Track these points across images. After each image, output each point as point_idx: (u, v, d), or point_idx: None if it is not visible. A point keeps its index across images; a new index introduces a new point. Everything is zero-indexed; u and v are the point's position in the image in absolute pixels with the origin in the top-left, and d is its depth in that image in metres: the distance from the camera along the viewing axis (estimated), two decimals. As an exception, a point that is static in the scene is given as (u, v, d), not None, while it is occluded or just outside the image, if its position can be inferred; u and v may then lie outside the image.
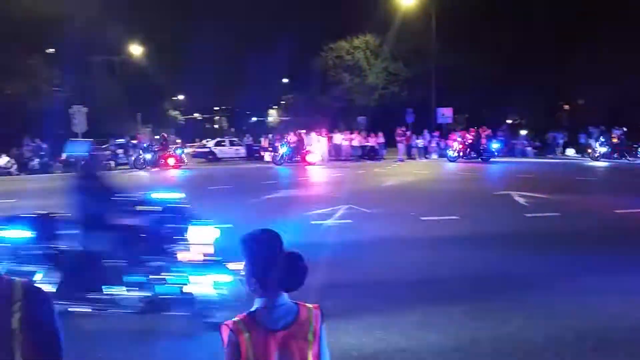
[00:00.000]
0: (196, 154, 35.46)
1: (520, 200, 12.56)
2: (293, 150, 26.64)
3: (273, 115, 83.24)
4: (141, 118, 43.08)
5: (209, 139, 43.10)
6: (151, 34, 44.24)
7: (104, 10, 34.99)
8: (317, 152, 26.75)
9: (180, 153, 26.96)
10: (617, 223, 9.91)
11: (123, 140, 28.26)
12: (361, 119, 35.21)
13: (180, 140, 65.43)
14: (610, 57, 29.28)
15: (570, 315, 5.27)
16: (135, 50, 43.44)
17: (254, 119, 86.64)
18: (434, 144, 29.72)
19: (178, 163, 25.97)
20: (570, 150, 29.04)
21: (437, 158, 28.17)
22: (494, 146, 25.98)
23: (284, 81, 65.12)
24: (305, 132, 28.61)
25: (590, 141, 25.87)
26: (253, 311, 1.95)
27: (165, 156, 25.98)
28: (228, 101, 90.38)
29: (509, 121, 38.95)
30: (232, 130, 78.20)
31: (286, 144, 27.13)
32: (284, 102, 69.95)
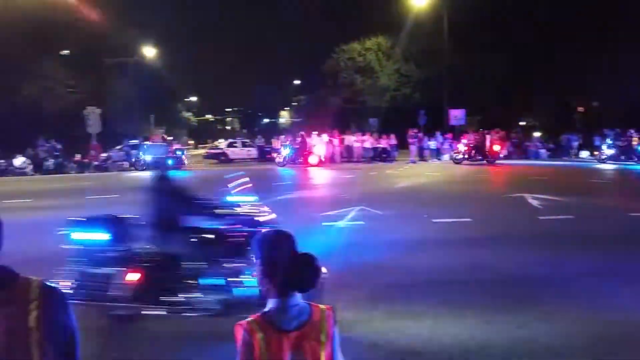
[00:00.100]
0: (208, 155, 35.59)
1: (534, 202, 12.46)
2: (296, 152, 26.61)
3: (285, 117, 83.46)
4: (154, 119, 43.37)
5: (222, 140, 43.32)
6: (164, 36, 44.66)
7: (118, 12, 35.31)
8: (320, 154, 26.53)
9: (181, 154, 26.94)
10: (631, 226, 9.80)
11: (137, 141, 28.44)
12: (373, 120, 35.14)
13: (192, 141, 66.11)
14: (626, 58, 28.94)
15: (585, 318, 5.21)
16: (149, 52, 43.77)
17: (266, 120, 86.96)
18: (447, 145, 29.59)
19: (178, 165, 25.97)
20: (585, 153, 28.75)
21: (450, 160, 28.03)
22: (498, 148, 25.84)
23: (296, 83, 65.30)
24: (309, 134, 28.52)
25: (603, 143, 25.63)
26: (266, 311, 1.96)
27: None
28: (240, 102, 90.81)
29: (523, 123, 38.67)
30: (244, 131, 78.45)
31: (289, 146, 27.14)
32: (295, 104, 70.10)
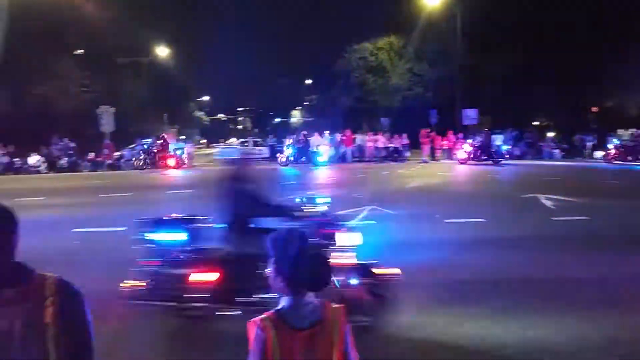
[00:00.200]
0: (220, 154, 35.71)
1: (547, 203, 12.36)
2: (299, 152, 26.60)
3: (296, 116, 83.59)
4: (167, 118, 43.69)
5: (234, 139, 43.48)
6: (177, 35, 44.91)
7: (132, 12, 35.56)
8: (324, 154, 26.41)
9: (181, 154, 26.98)
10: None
11: (150, 140, 28.64)
12: (384, 120, 35.08)
13: (205, 140, 66.43)
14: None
15: (599, 320, 5.16)
16: (162, 51, 44.05)
17: (278, 120, 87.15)
18: (459, 145, 29.42)
19: (178, 164, 26.03)
20: (599, 153, 28.44)
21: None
22: (504, 148, 25.67)
23: (307, 82, 65.36)
24: (318, 133, 28.53)
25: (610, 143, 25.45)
26: (279, 309, 1.97)
27: (165, 157, 26.03)
28: (252, 102, 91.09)
29: (536, 123, 38.36)
30: (256, 130, 78.75)
31: (292, 145, 27.15)
32: (307, 103, 70.16)
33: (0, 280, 1.68)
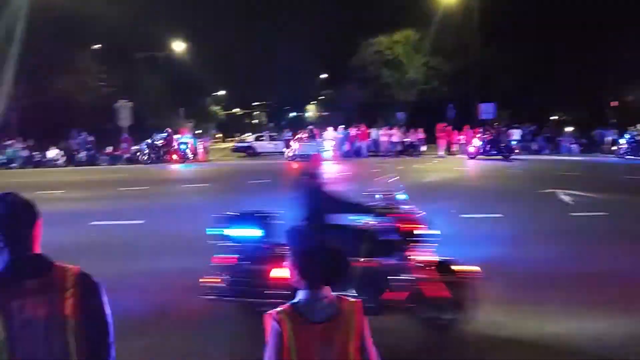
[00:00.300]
0: (236, 149, 35.93)
1: (566, 198, 12.22)
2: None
3: (311, 111, 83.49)
4: (184, 113, 43.90)
5: (249, 134, 43.61)
6: (193, 30, 45.04)
7: (149, 7, 35.78)
8: (329, 148, 26.47)
9: (185, 148, 27.21)
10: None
11: (165, 134, 28.81)
12: (400, 114, 34.87)
13: (221, 134, 66.70)
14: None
15: (617, 318, 5.10)
16: (178, 46, 44.21)
17: (293, 114, 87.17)
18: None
19: (182, 159, 26.24)
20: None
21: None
22: (514, 143, 25.39)
23: (323, 76, 65.18)
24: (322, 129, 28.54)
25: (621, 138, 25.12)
26: (296, 302, 1.97)
27: (169, 152, 26.27)
28: (267, 96, 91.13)
29: (554, 117, 37.86)
30: (272, 125, 78.80)
31: (298, 141, 27.21)
32: (322, 98, 69.98)
33: (22, 271, 1.70)
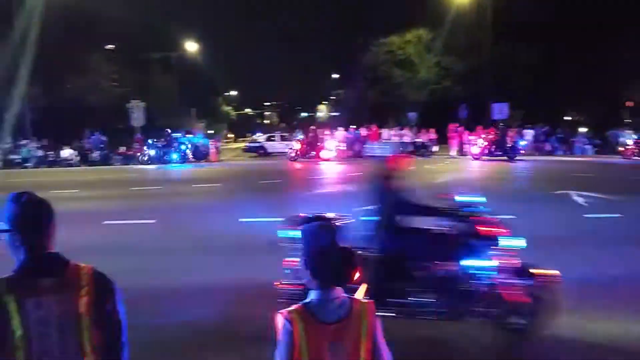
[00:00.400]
0: (247, 149, 36.08)
1: (579, 200, 12.10)
2: (307, 146, 26.61)
3: (323, 111, 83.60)
4: (196, 113, 44.18)
5: (260, 134, 43.76)
6: (205, 30, 45.32)
7: (161, 7, 36.04)
8: (332, 149, 26.44)
9: (184, 149, 27.32)
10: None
11: (179, 134, 29.01)
12: (412, 114, 34.73)
13: (232, 135, 67.00)
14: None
15: (632, 319, 5.05)
16: (191, 46, 44.45)
17: (304, 114, 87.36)
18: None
19: (182, 159, 26.38)
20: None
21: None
22: (521, 143, 25.22)
23: (334, 76, 65.21)
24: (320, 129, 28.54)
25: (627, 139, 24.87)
26: (307, 302, 1.97)
27: (169, 152, 26.43)
28: (279, 96, 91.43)
29: (568, 118, 37.51)
30: (283, 125, 79.01)
31: (300, 141, 27.23)
32: (333, 98, 70.02)
33: (38, 270, 1.72)
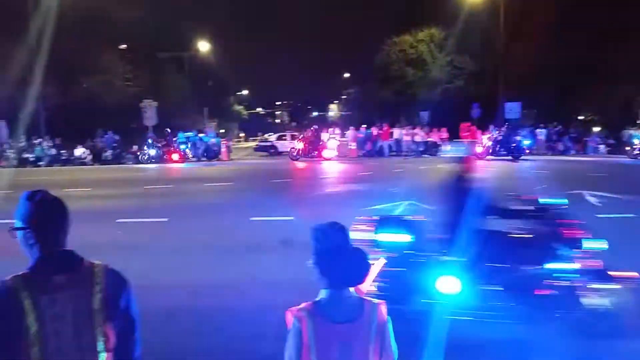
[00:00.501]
0: (258, 148, 36.13)
1: (592, 199, 11.99)
2: (309, 146, 26.66)
3: (334, 110, 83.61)
4: (207, 112, 44.32)
5: (271, 133, 43.85)
6: (217, 30, 45.52)
7: (174, 7, 36.24)
8: (334, 148, 26.57)
9: (184, 149, 27.36)
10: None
11: (191, 133, 29.16)
12: (423, 113, 34.60)
13: (243, 134, 67.19)
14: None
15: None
16: (203, 46, 44.62)
17: (315, 114, 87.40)
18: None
19: (182, 159, 26.47)
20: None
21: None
22: (525, 143, 25.04)
23: (345, 76, 65.20)
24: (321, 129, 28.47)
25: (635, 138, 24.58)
26: (318, 301, 1.97)
27: (169, 152, 26.55)
28: (290, 96, 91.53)
29: (581, 117, 37.12)
30: (294, 124, 79.11)
31: (301, 140, 27.25)
32: (344, 97, 69.99)
33: (52, 267, 1.75)
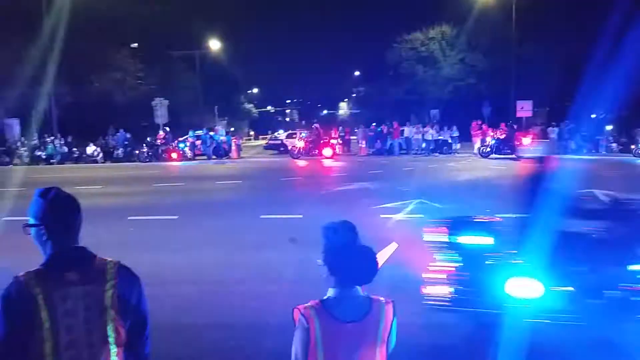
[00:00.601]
0: (268, 146, 36.23)
1: (605, 199, 11.85)
2: (310, 144, 26.61)
3: (344, 108, 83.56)
4: (218, 111, 44.50)
5: (281, 131, 43.93)
6: (228, 29, 45.58)
7: (185, 5, 36.38)
8: (335, 147, 26.71)
9: (183, 147, 27.45)
10: None
11: (201, 131, 29.28)
12: (434, 111, 34.47)
13: (253, 132, 67.36)
14: None
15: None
16: (214, 45, 44.71)
17: (325, 112, 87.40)
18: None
19: (180, 158, 26.52)
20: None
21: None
22: (527, 142, 24.90)
23: (356, 74, 65.09)
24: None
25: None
26: (325, 299, 1.97)
27: (167, 150, 26.72)
28: (300, 94, 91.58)
29: (594, 115, 36.75)
30: (303, 122, 79.15)
31: (303, 139, 27.26)
32: (354, 95, 69.88)
33: (65, 263, 1.77)
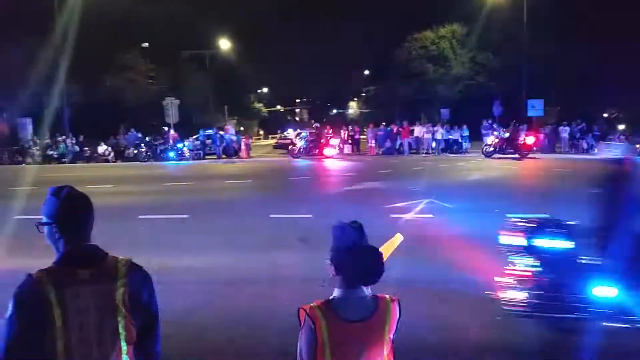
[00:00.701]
0: (277, 145, 36.28)
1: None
2: (311, 144, 26.59)
3: (353, 107, 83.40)
4: (227, 110, 44.63)
5: (290, 130, 43.99)
6: (238, 28, 45.68)
7: (196, 5, 36.53)
8: (335, 146, 26.71)
9: (182, 147, 27.55)
10: None
11: (211, 131, 29.39)
12: (444, 111, 34.31)
13: (262, 131, 67.48)
14: None
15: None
16: (224, 44, 44.85)
17: (335, 111, 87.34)
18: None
19: (180, 157, 26.62)
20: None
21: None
22: (530, 141, 24.71)
23: (366, 73, 64.93)
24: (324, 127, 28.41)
25: None
26: (332, 299, 1.98)
27: (167, 150, 26.88)
28: (310, 93, 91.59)
29: (606, 115, 36.42)
30: (313, 122, 79.18)
31: (303, 138, 27.21)
32: (364, 94, 69.70)
33: (77, 261, 1.79)
